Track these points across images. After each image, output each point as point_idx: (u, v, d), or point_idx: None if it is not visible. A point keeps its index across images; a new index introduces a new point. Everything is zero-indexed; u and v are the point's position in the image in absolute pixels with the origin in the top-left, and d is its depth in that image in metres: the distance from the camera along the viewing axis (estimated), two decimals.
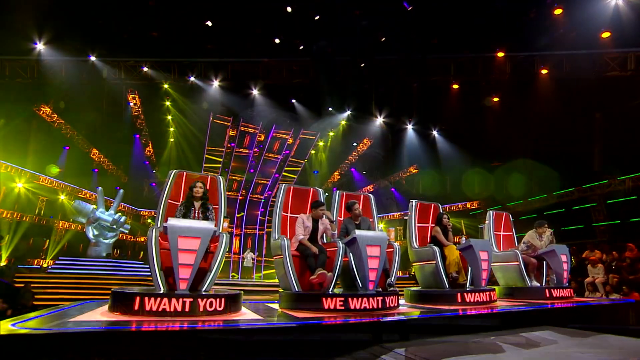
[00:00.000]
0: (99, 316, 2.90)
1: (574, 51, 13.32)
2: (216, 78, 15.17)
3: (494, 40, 14.11)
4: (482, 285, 4.40)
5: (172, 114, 19.11)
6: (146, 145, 19.99)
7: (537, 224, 5.66)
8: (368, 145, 18.78)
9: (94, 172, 19.04)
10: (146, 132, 19.43)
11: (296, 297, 3.59)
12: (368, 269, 3.48)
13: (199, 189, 3.90)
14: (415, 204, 5.42)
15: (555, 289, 5.09)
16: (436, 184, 17.87)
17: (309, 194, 4.69)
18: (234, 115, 17.23)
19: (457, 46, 14.63)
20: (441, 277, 4.64)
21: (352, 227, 4.46)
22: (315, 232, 4.22)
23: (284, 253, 3.79)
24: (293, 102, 16.73)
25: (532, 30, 13.03)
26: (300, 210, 4.56)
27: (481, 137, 17.03)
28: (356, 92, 15.81)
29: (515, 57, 14.51)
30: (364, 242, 3.51)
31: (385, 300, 3.52)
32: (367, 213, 4.95)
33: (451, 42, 14.35)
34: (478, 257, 4.39)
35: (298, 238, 4.07)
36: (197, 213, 3.83)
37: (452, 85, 16.64)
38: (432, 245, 4.80)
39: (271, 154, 18.10)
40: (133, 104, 17.30)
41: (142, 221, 20.63)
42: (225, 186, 4.27)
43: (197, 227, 3.07)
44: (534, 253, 5.65)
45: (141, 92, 16.70)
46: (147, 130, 19.41)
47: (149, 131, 19.52)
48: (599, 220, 13.03)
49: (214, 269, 3.48)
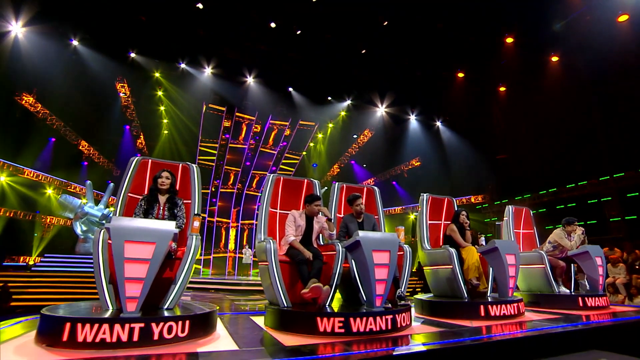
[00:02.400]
0: (11, 354, 2.13)
1: (587, 36, 12.47)
2: (208, 65, 14.34)
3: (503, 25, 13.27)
4: (509, 295, 3.68)
5: (164, 104, 18.33)
6: (137, 137, 19.18)
7: (565, 221, 4.93)
8: (369, 137, 18.00)
9: (83, 165, 18.26)
10: (137, 123, 18.61)
11: (284, 315, 2.87)
12: (375, 281, 2.75)
13: (165, 179, 3.16)
14: (427, 198, 4.69)
15: (589, 297, 4.38)
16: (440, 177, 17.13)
17: (303, 186, 3.94)
18: (229, 105, 16.44)
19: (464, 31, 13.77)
20: (459, 284, 3.92)
21: (353, 226, 3.74)
22: (309, 232, 3.49)
23: (270, 259, 3.06)
24: (290, 90, 15.90)
25: (543, 13, 12.20)
26: (292, 205, 3.82)
27: (487, 128, 16.29)
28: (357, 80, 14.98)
29: (525, 43, 13.66)
30: (369, 247, 2.78)
31: (395, 320, 2.80)
32: (372, 209, 4.22)
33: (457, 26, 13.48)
34: (504, 261, 3.67)
35: (288, 240, 3.35)
36: (162, 210, 3.09)
37: (457, 73, 15.86)
38: (447, 247, 4.08)
39: (268, 146, 17.35)
40: (122, 94, 16.49)
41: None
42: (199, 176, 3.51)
43: (150, 229, 2.33)
44: (561, 254, 4.93)
45: (131, 80, 15.89)
46: (139, 121, 18.60)
47: (140, 122, 18.71)
48: (613, 215, 12.31)
49: (181, 279, 2.75)
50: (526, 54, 13.72)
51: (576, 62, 12.88)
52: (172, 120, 18.82)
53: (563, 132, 13.53)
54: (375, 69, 14.89)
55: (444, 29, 13.52)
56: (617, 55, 12.06)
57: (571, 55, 12.91)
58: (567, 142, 13.45)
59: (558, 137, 13.69)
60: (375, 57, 14.60)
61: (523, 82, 14.54)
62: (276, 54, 14.19)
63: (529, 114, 14.74)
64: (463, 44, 14.08)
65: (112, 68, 13.85)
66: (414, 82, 15.74)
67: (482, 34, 13.55)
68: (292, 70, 14.51)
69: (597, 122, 13.16)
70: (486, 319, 3.50)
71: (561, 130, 13.57)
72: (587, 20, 11.92)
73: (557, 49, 13.17)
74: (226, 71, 14.58)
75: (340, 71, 14.55)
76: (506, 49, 13.98)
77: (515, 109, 15.28)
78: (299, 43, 13.66)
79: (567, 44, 12.90)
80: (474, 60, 14.75)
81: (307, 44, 13.58)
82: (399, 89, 15.75)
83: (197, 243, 2.86)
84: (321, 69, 14.21)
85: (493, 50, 14.02)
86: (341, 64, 14.41)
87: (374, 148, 18.11)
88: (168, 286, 2.76)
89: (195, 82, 15.10)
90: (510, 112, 15.65)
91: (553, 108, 13.62)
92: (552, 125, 13.81)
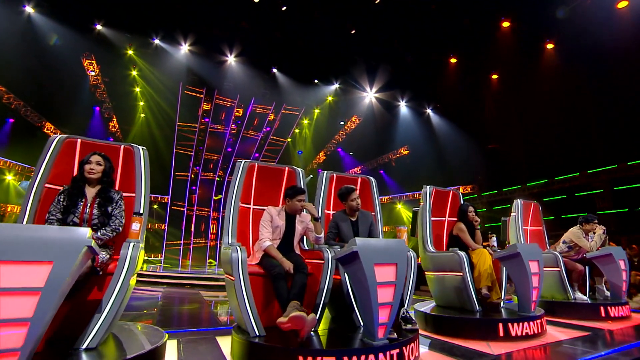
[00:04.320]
0: None
1: (585, 22, 11.93)
2: (185, 41, 13.15)
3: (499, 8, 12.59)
4: (532, 309, 3.06)
5: (140, 86, 17.03)
6: (110, 119, 17.83)
7: (583, 219, 4.36)
8: (357, 123, 17.24)
9: None
10: (109, 104, 17.24)
11: (255, 349, 2.13)
12: (377, 306, 2.04)
13: (96, 165, 2.34)
14: (431, 191, 4.00)
15: (611, 305, 3.83)
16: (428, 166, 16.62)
17: (283, 176, 3.17)
18: (208, 86, 15.31)
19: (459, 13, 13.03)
20: (470, 295, 3.28)
21: (346, 226, 3.01)
22: (290, 235, 2.74)
23: (237, 272, 2.31)
24: (274, 72, 14.86)
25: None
26: (269, 200, 3.06)
27: (479, 117, 15.78)
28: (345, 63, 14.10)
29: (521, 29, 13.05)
30: (370, 260, 2.06)
31: (403, 355, 2.11)
32: (367, 204, 3.49)
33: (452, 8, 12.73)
34: (528, 270, 3.03)
35: (262, 245, 2.60)
36: (90, 207, 2.27)
37: (450, 58, 15.20)
38: (456, 251, 3.42)
39: (250, 131, 16.37)
40: (91, 72, 15.10)
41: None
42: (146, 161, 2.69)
43: (43, 240, 1.52)
44: (577, 256, 4.37)
45: (99, 57, 14.52)
46: (111, 103, 17.24)
47: (113, 104, 17.35)
48: (604, 208, 12.08)
49: (109, 304, 1.97)
50: (521, 40, 13.14)
51: (572, 51, 12.38)
52: (147, 103, 17.57)
53: (555, 122, 13.14)
54: (364, 51, 14.03)
55: (438, 10, 12.75)
56: (614, 44, 11.58)
57: (567, 43, 12.40)
58: (559, 132, 13.09)
59: (550, 128, 13.30)
60: (365, 39, 13.73)
61: (516, 70, 14.02)
62: (259, 32, 13.11)
63: (521, 103, 14.29)
64: (457, 27, 13.36)
65: (76, 42, 12.49)
66: (405, 66, 14.99)
67: (478, 16, 12.85)
68: (277, 50, 13.48)
69: (590, 113, 12.79)
70: (505, 339, 2.88)
71: (553, 121, 13.18)
72: (587, 4, 11.36)
73: (554, 35, 12.64)
74: (205, 49, 13.42)
75: (328, 52, 13.63)
76: (501, 34, 13.36)
77: (507, 98, 14.80)
78: (285, 20, 12.63)
79: (564, 31, 12.36)
80: (468, 45, 14.08)
81: (293, 21, 12.57)
82: (389, 73, 14.98)
83: (134, 253, 2.07)
84: (308, 50, 13.25)
85: (488, 34, 13.37)
86: (329, 45, 13.48)
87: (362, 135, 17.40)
88: (92, 315, 1.98)
89: (171, 60, 13.89)
90: (502, 101, 15.17)
91: (546, 98, 13.20)
92: (544, 116, 13.40)
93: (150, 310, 4.96)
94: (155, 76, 15.94)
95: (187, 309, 5.41)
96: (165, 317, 4.26)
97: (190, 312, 5.01)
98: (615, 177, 11.92)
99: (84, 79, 15.43)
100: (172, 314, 4.68)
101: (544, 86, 13.21)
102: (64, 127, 16.28)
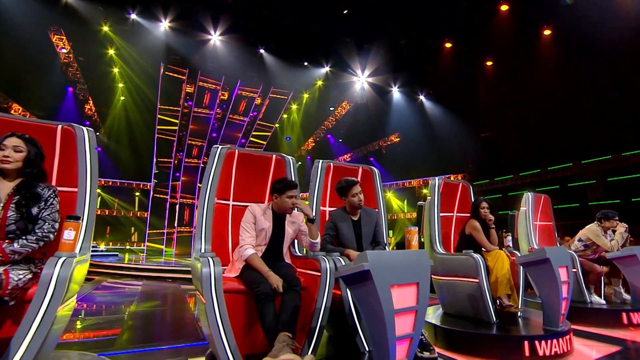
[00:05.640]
0: None
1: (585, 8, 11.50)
2: (165, 17, 12.15)
3: None
4: (560, 323, 2.63)
5: (118, 66, 15.96)
6: (85, 101, 16.71)
7: (602, 215, 3.96)
8: (347, 109, 16.63)
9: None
10: (84, 85, 16.11)
11: None
12: (395, 340, 1.54)
13: (14, 151, 1.73)
14: (440, 184, 3.51)
15: (633, 311, 3.47)
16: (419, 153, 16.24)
17: (270, 165, 2.60)
18: (190, 67, 14.37)
19: None
20: (487, 305, 2.84)
21: (347, 227, 2.49)
22: (278, 239, 2.21)
23: (209, 292, 1.76)
24: (261, 52, 14.00)
25: None
26: (252, 195, 2.51)
27: (472, 104, 15.39)
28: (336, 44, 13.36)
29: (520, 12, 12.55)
30: (386, 281, 1.54)
31: None
32: (369, 199, 2.97)
33: None
34: (557, 277, 2.59)
35: (243, 254, 2.05)
36: (4, 208, 1.67)
37: (445, 43, 14.64)
38: (471, 253, 2.96)
39: (236, 116, 15.57)
40: (62, 49, 13.95)
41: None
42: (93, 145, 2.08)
43: None
44: (593, 255, 3.99)
45: (70, 32, 13.38)
46: (86, 83, 16.11)
47: (88, 85, 16.23)
48: (596, 199, 11.96)
49: (24, 346, 1.41)
50: (519, 25, 12.67)
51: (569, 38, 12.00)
52: (126, 85, 16.53)
53: (550, 111, 12.87)
54: (356, 33, 13.31)
55: None
56: (613, 33, 11.20)
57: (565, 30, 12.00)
58: (553, 122, 12.85)
59: (544, 117, 13.04)
60: (357, 19, 12.99)
61: (512, 57, 13.61)
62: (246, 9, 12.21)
63: (515, 90, 13.95)
64: (454, 10, 12.76)
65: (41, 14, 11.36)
66: (399, 50, 14.36)
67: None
68: (264, 29, 12.62)
69: (585, 102, 12.53)
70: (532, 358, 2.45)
71: (548, 110, 12.92)
72: None
73: (551, 21, 12.20)
74: (186, 26, 12.43)
75: (318, 33, 12.85)
76: (499, 18, 12.86)
77: (502, 85, 14.44)
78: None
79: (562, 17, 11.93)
80: (465, 29, 13.53)
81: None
82: (382, 57, 14.34)
83: (63, 273, 1.50)
84: (297, 29, 12.45)
85: (486, 18, 12.84)
86: (320, 25, 12.70)
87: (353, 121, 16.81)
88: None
89: (150, 37, 12.88)
90: (496, 88, 14.82)
91: (541, 86, 12.88)
92: (539, 104, 13.11)
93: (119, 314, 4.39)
94: (134, 55, 14.90)
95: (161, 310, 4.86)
96: (132, 330, 3.62)
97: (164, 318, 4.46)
98: (609, 168, 11.78)
99: (54, 57, 14.29)
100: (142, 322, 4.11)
101: (540, 74, 12.88)
102: (33, 108, 15.14)
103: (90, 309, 4.72)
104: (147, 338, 3.33)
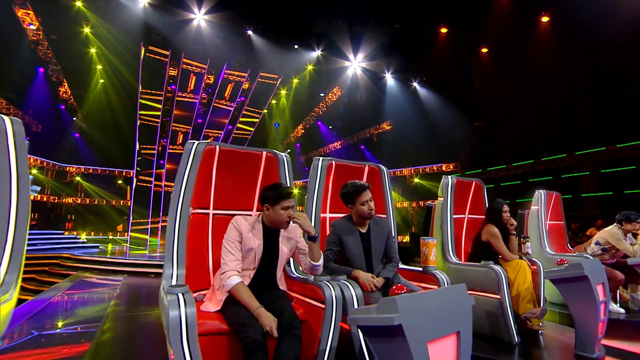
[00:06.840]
0: None
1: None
2: None
3: None
4: (597, 349, 2.29)
5: (95, 46, 14.95)
6: (59, 83, 15.66)
7: (623, 217, 3.63)
8: (338, 95, 16.05)
9: None
10: (57, 66, 15.05)
11: None
12: None
13: None
14: (453, 183, 3.10)
15: None
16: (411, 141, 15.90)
17: (259, 164, 2.13)
18: (173, 48, 13.50)
19: None
20: (509, 324, 2.48)
21: (354, 241, 2.05)
22: (270, 261, 1.75)
23: (177, 344, 1.31)
24: (249, 33, 13.20)
25: None
26: (237, 202, 2.04)
27: (467, 92, 15.03)
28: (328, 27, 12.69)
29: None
30: (421, 337, 1.13)
31: None
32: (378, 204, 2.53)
33: None
34: (596, 296, 2.23)
35: (227, 283, 1.59)
36: None
37: (440, 28, 14.14)
38: (491, 265, 2.58)
39: (222, 101, 14.85)
40: (31, 25, 12.88)
41: (69, 179, 17.10)
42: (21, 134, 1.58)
43: None
44: (611, 260, 3.70)
45: (39, 8, 12.33)
46: (59, 64, 15.06)
47: (62, 65, 15.18)
48: (589, 191, 11.87)
49: None
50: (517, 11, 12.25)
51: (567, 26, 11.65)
52: (105, 67, 15.57)
53: (545, 101, 12.63)
54: (349, 15, 12.66)
55: None
56: (611, 24, 10.84)
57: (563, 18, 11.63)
58: (547, 112, 12.63)
59: (539, 106, 12.81)
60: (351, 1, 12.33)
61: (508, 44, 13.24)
62: None
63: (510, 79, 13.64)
64: None
65: None
66: (393, 35, 13.79)
67: None
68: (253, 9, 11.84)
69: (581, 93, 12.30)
70: None
71: (543, 99, 12.67)
72: None
73: (550, 8, 11.81)
74: (167, 3, 11.55)
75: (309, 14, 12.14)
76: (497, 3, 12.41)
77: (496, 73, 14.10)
78: None
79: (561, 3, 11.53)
80: (461, 13, 13.03)
81: None
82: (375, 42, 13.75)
83: None
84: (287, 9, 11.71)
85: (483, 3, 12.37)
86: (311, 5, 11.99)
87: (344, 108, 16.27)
88: None
89: (128, 15, 11.95)
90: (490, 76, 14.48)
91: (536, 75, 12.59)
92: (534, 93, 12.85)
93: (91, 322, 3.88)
94: (112, 35, 13.93)
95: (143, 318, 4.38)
96: (102, 348, 3.09)
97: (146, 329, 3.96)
98: (602, 160, 11.65)
99: (21, 34, 13.19)
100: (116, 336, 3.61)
101: (536, 62, 12.59)
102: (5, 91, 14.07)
103: (56, 315, 4.20)
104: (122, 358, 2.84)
